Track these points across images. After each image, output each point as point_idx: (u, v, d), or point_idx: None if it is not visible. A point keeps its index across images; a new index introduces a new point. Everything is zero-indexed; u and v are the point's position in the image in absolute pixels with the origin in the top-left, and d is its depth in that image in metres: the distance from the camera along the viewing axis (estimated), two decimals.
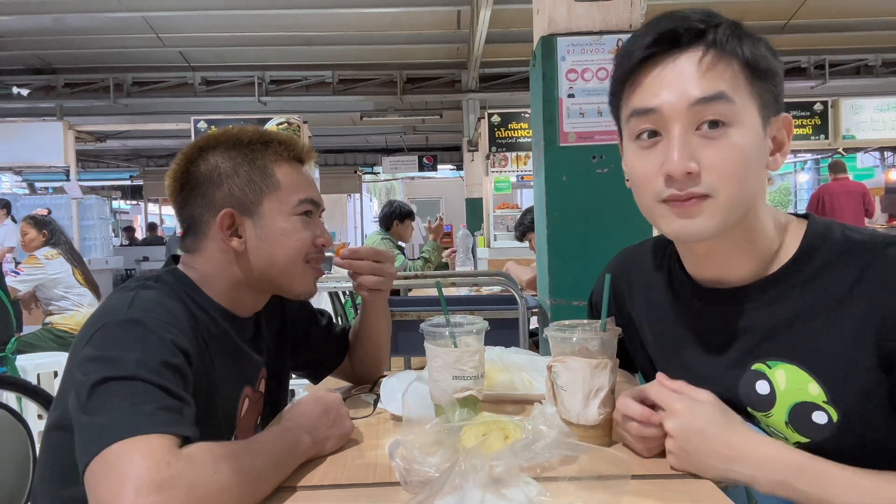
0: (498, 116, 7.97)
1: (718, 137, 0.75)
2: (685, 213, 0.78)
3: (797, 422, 0.79)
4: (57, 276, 3.99)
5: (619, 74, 0.83)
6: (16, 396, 2.01)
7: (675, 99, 0.76)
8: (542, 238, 2.23)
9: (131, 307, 0.85)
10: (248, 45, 7.44)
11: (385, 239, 4.24)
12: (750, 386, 0.82)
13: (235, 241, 0.99)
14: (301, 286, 1.05)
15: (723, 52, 0.76)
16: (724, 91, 0.75)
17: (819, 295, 0.78)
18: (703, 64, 0.76)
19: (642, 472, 0.78)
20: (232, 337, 1.01)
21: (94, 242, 8.69)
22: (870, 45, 7.72)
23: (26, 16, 6.31)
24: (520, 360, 1.17)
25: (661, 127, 0.78)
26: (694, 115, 0.76)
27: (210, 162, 1.01)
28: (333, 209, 14.93)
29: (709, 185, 0.76)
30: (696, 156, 0.75)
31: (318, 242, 1.05)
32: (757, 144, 0.77)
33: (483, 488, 0.64)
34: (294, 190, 1.03)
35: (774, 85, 0.79)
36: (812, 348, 0.78)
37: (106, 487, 0.65)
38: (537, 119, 2.21)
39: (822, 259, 0.79)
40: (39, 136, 7.02)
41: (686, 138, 0.76)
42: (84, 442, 0.71)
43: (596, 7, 2.10)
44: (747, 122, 0.76)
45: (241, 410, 1.02)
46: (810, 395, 0.77)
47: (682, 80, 0.76)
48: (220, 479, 0.69)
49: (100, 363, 0.77)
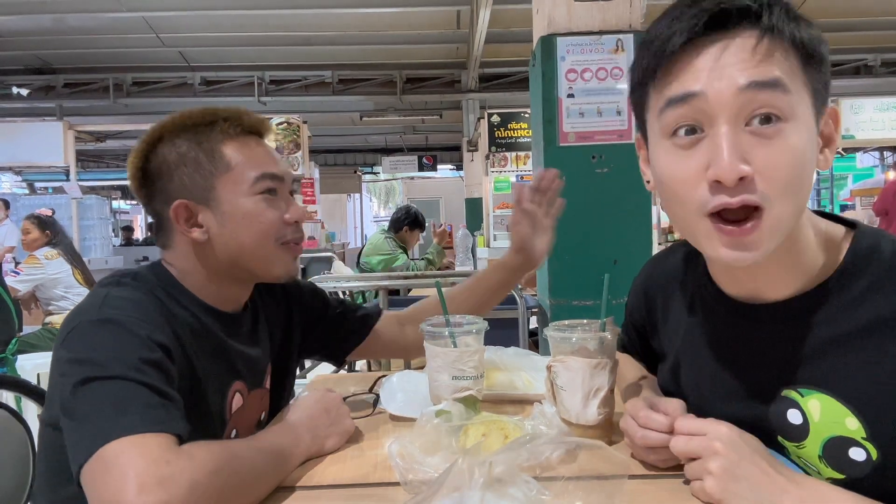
0: (498, 116, 7.97)
1: (773, 136, 0.64)
2: (738, 244, 0.67)
3: (831, 457, 0.71)
4: (57, 276, 3.99)
5: (650, 62, 0.70)
6: (15, 396, 2.01)
7: (722, 83, 0.65)
8: None
9: (103, 306, 0.83)
10: (248, 45, 7.44)
11: (389, 238, 4.25)
12: (781, 414, 0.74)
13: (196, 231, 0.95)
14: (278, 268, 1.00)
15: (781, 37, 0.65)
16: (780, 77, 0.64)
17: (863, 319, 0.68)
18: (759, 50, 0.64)
19: (641, 472, 0.78)
20: (215, 332, 0.97)
21: (94, 242, 8.69)
22: (870, 45, 7.72)
23: (26, 16, 6.31)
24: (519, 360, 1.17)
25: (705, 120, 0.67)
26: (744, 105, 0.64)
27: (159, 155, 0.96)
28: (333, 209, 14.92)
29: (763, 194, 0.65)
30: (747, 156, 0.64)
31: (288, 219, 0.98)
32: (812, 143, 0.67)
33: (482, 488, 0.64)
34: (247, 167, 0.96)
35: (825, 73, 0.69)
36: (852, 379, 0.69)
37: (107, 485, 0.65)
38: (537, 119, 2.21)
39: (868, 279, 0.70)
40: (39, 136, 7.01)
41: (737, 134, 0.65)
42: (76, 444, 0.70)
43: (596, 7, 2.10)
44: (802, 118, 0.66)
45: (231, 406, 0.99)
46: (848, 429, 0.69)
47: (731, 63, 0.65)
48: (220, 477, 0.69)
49: (78, 365, 0.76)
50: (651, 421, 0.77)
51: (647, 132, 0.76)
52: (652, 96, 0.72)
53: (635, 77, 0.75)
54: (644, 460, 0.80)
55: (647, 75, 0.72)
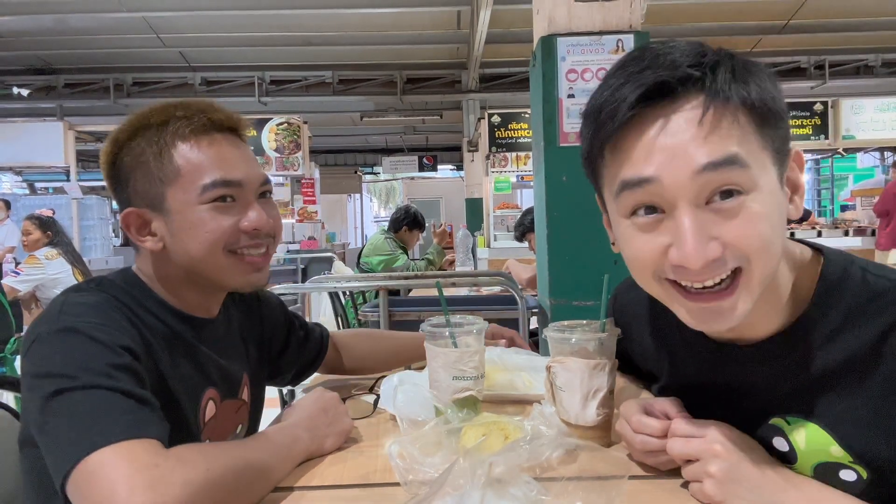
0: (498, 117, 7.97)
1: (738, 210, 0.62)
2: (717, 309, 0.66)
3: (823, 478, 0.70)
4: (57, 276, 3.99)
5: (597, 136, 0.68)
6: (15, 396, 2.01)
7: (676, 166, 0.62)
8: (542, 238, 2.23)
9: (61, 314, 0.80)
10: (248, 46, 7.44)
11: (389, 238, 4.25)
12: (766, 440, 0.74)
13: (149, 241, 0.91)
14: (232, 280, 0.93)
15: (727, 102, 0.62)
16: (735, 153, 0.61)
17: (840, 355, 0.69)
18: (706, 122, 0.62)
19: (641, 473, 0.78)
20: (186, 337, 0.94)
21: (95, 243, 8.68)
22: (870, 45, 7.72)
23: (27, 16, 6.32)
24: (520, 361, 1.17)
25: (662, 203, 0.64)
26: (703, 187, 0.62)
27: (120, 159, 0.92)
28: (334, 209, 14.92)
29: (738, 258, 0.63)
30: (712, 233, 0.63)
31: (245, 227, 0.91)
32: (778, 203, 0.65)
33: (483, 488, 0.65)
34: (197, 174, 0.88)
35: (783, 128, 0.66)
36: (833, 410, 0.69)
37: (96, 494, 0.64)
38: (537, 119, 2.21)
39: (842, 311, 0.69)
40: (40, 137, 7.01)
41: (698, 216, 0.63)
42: (55, 460, 0.68)
43: (596, 7, 2.10)
44: (765, 184, 0.63)
45: (205, 414, 0.95)
46: (833, 456, 0.69)
47: (681, 142, 0.62)
48: (213, 476, 0.68)
49: (45, 379, 0.73)
50: (644, 426, 0.77)
51: (605, 202, 0.75)
52: (605, 174, 0.70)
53: (584, 149, 0.73)
54: (643, 462, 0.80)
55: (595, 152, 0.70)
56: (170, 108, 0.92)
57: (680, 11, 6.52)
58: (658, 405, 0.78)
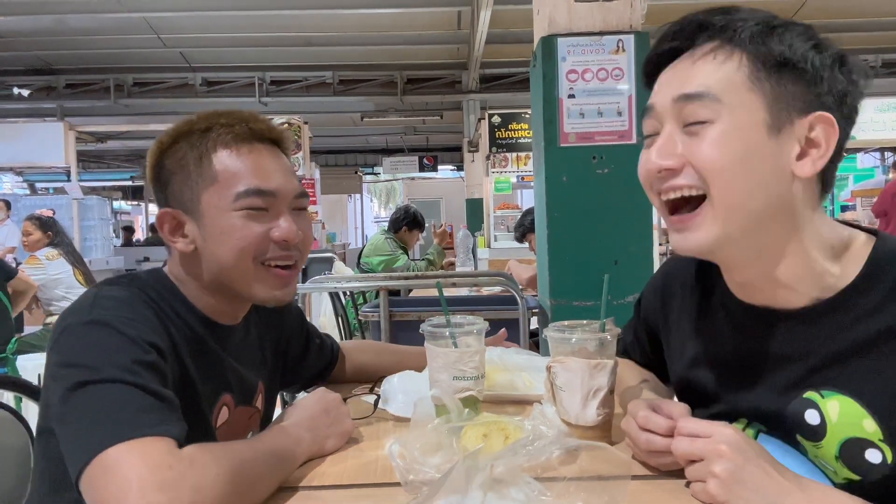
0: (498, 117, 7.97)
1: (701, 133, 0.72)
2: (684, 227, 0.76)
3: (848, 457, 0.72)
4: (58, 276, 3.99)
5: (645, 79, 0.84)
6: (15, 396, 2.01)
7: (662, 94, 0.76)
8: (542, 238, 2.23)
9: (93, 307, 0.81)
10: (249, 46, 7.44)
11: (389, 239, 4.25)
12: (799, 414, 0.75)
13: (180, 242, 0.92)
14: (260, 291, 0.93)
15: (732, 46, 0.73)
16: (707, 89, 0.72)
17: (882, 326, 0.70)
18: (696, 57, 0.74)
19: (643, 473, 0.78)
20: (208, 342, 0.95)
21: (95, 243, 8.68)
22: (870, 45, 7.72)
23: (27, 16, 6.32)
24: (520, 361, 1.18)
25: (659, 127, 0.77)
26: (679, 112, 0.74)
27: (163, 162, 0.94)
28: (334, 209, 14.92)
29: (692, 178, 0.73)
30: (678, 150, 0.74)
31: (275, 237, 0.91)
32: (755, 142, 0.71)
33: (484, 488, 0.65)
34: (233, 180, 0.90)
35: (802, 83, 0.71)
36: (871, 383, 0.71)
37: (108, 491, 0.65)
38: (537, 119, 2.21)
39: (888, 286, 0.71)
40: (40, 137, 7.00)
41: (671, 135, 0.75)
42: (73, 450, 0.69)
43: (596, 7, 2.10)
44: (741, 120, 0.71)
45: (217, 419, 0.96)
46: (865, 431, 0.71)
47: (679, 75, 0.76)
48: (222, 481, 0.68)
49: (69, 368, 0.74)
50: (650, 422, 0.77)
51: None
52: None
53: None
54: (646, 462, 0.79)
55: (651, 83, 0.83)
56: (214, 115, 0.94)
57: (680, 11, 6.44)
58: (665, 407, 0.78)
